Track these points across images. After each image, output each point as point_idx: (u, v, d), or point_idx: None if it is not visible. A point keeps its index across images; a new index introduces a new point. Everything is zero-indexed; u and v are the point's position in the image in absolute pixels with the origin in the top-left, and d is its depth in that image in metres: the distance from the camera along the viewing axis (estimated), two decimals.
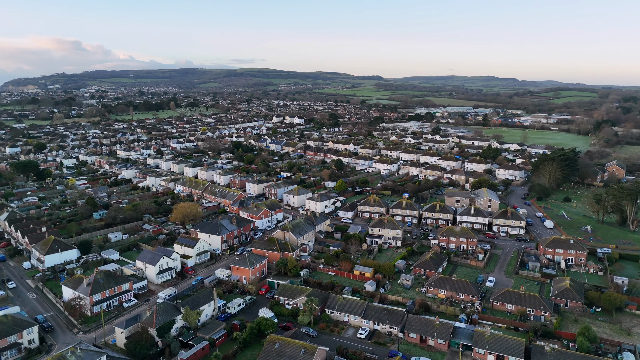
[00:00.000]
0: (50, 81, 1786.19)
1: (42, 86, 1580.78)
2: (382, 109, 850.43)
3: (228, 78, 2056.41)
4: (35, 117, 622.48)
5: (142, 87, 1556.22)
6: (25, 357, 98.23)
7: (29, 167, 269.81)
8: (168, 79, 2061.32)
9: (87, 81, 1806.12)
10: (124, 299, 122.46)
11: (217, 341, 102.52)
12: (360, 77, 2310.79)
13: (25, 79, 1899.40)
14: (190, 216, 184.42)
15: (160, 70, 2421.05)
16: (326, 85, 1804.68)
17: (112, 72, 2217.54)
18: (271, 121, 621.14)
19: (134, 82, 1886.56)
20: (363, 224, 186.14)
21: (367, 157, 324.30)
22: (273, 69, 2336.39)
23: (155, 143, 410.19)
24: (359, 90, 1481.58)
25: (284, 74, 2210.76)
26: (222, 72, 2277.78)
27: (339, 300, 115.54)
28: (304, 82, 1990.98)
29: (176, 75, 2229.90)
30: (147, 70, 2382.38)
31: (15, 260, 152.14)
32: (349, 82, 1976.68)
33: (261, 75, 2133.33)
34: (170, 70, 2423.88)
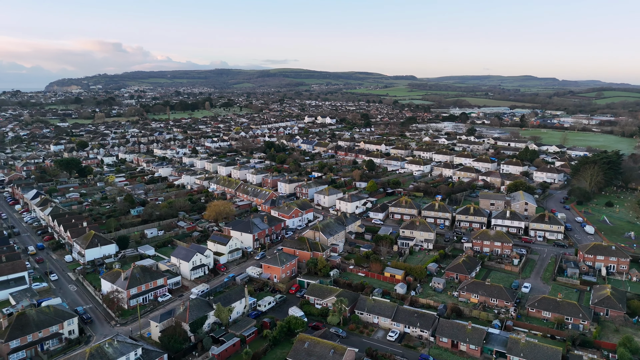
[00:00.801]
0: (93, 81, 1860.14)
1: (85, 86, 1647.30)
2: (415, 109, 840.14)
3: (261, 78, 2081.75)
4: (78, 116, 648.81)
5: (178, 87, 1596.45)
6: (66, 347, 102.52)
7: (71, 164, 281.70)
8: (203, 80, 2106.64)
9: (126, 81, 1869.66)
10: (159, 293, 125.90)
11: (247, 338, 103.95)
12: (393, 77, 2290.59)
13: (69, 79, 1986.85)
14: (223, 214, 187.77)
15: (196, 71, 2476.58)
16: (358, 85, 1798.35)
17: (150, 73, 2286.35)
18: (303, 121, 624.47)
19: (171, 82, 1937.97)
20: (394, 226, 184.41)
21: (399, 158, 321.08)
22: (305, 69, 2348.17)
23: (190, 142, 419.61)
24: (392, 90, 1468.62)
25: (316, 74, 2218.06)
26: (256, 73, 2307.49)
27: (369, 302, 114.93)
28: (336, 82, 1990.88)
29: (211, 75, 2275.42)
30: (183, 71, 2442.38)
31: (58, 253, 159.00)
32: (381, 82, 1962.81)
33: (294, 75, 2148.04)
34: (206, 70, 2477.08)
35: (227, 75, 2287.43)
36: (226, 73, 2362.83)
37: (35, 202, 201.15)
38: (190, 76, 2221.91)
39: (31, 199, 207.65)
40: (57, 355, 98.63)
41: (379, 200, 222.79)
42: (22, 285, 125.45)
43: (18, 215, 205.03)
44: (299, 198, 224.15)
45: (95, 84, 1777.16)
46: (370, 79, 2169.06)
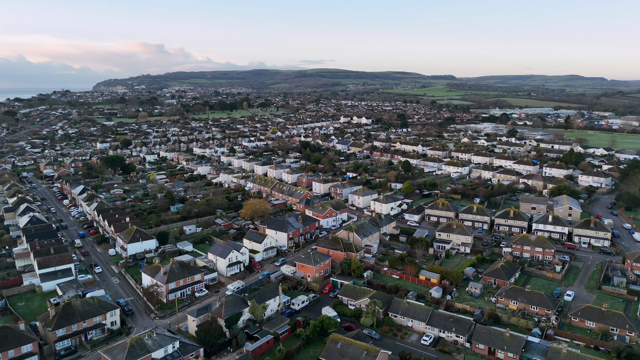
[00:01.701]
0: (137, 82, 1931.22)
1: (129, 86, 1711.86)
2: (454, 109, 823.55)
3: (298, 79, 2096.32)
4: (123, 115, 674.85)
5: (217, 87, 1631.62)
6: (108, 337, 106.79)
7: (116, 161, 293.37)
8: (242, 80, 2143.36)
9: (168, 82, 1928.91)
10: (196, 289, 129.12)
11: (281, 336, 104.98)
12: (431, 77, 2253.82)
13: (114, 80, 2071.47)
14: (259, 212, 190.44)
15: (235, 71, 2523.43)
16: (395, 85, 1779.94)
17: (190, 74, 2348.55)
18: (339, 121, 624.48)
19: (211, 82, 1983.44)
20: (430, 228, 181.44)
21: (436, 159, 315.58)
22: (342, 69, 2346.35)
23: (228, 141, 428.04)
24: (430, 90, 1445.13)
25: (352, 74, 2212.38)
26: (293, 73, 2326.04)
27: (403, 305, 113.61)
28: (373, 82, 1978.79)
29: (249, 76, 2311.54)
30: (222, 72, 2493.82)
31: (102, 247, 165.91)
32: (419, 82, 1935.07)
33: (330, 75, 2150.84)
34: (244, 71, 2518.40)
35: (264, 75, 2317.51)
36: (264, 73, 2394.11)
37: (82, 198, 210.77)
38: (229, 77, 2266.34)
39: (78, 194, 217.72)
40: (100, 345, 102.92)
41: (415, 202, 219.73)
42: (68, 277, 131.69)
43: (66, 209, 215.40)
44: (333, 198, 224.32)
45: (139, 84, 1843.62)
46: (408, 79, 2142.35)
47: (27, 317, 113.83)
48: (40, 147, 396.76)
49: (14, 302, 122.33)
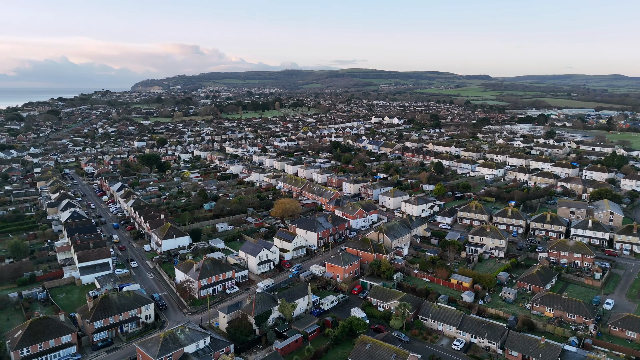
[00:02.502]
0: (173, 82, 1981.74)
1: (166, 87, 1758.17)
2: (489, 110, 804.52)
3: (330, 79, 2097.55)
4: (159, 115, 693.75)
5: (250, 87, 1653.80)
6: (142, 330, 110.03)
7: (152, 159, 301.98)
8: (274, 80, 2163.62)
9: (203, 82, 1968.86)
10: (227, 285, 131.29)
11: (310, 335, 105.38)
12: (465, 77, 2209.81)
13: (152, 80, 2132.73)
14: (289, 212, 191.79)
15: (267, 71, 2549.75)
16: (428, 85, 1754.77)
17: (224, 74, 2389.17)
18: (370, 121, 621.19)
19: (244, 83, 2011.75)
20: (462, 231, 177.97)
21: (469, 161, 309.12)
22: (374, 69, 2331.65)
23: (260, 141, 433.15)
24: (464, 90, 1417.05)
25: (384, 74, 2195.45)
26: (325, 73, 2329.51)
27: (434, 308, 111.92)
28: (405, 82, 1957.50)
29: (281, 76, 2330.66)
30: (255, 72, 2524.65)
31: (138, 242, 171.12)
32: (452, 82, 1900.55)
33: (362, 75, 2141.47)
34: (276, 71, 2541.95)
35: (296, 76, 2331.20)
36: (296, 74, 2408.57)
37: (119, 194, 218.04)
38: (261, 77, 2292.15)
39: (116, 191, 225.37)
40: (135, 338, 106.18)
41: (447, 204, 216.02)
42: (106, 271, 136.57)
43: (105, 205, 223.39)
44: (363, 199, 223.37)
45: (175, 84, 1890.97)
46: (441, 79, 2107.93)
47: (67, 308, 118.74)
48: (82, 145, 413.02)
49: (55, 294, 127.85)
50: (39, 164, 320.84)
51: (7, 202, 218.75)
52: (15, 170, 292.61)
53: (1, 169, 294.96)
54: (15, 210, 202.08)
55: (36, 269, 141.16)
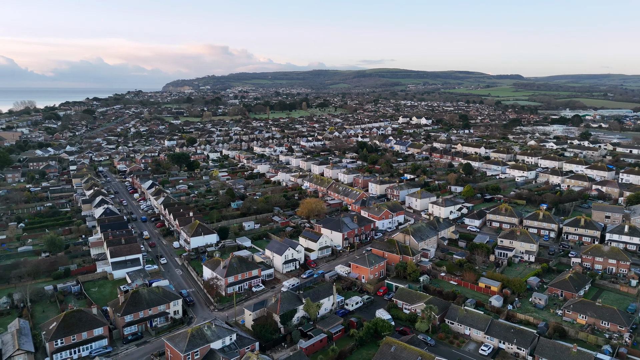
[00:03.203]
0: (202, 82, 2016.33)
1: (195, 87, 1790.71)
2: (520, 110, 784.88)
3: (357, 79, 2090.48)
4: (189, 115, 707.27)
5: (278, 87, 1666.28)
6: (171, 325, 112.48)
7: (182, 158, 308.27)
8: (301, 80, 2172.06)
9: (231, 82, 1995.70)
10: (253, 284, 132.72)
11: (334, 335, 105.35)
12: (496, 76, 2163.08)
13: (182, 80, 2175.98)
14: (315, 211, 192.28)
15: (295, 72, 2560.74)
16: (458, 85, 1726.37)
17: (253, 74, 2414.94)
18: (397, 122, 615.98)
19: (272, 83, 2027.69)
20: (491, 234, 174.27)
21: (499, 162, 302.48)
22: (402, 69, 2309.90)
23: (287, 141, 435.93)
24: (495, 90, 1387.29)
25: (413, 74, 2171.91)
26: (352, 73, 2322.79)
27: (461, 312, 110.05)
28: (434, 82, 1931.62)
29: (309, 76, 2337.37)
30: (283, 72, 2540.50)
31: (167, 239, 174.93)
32: (483, 82, 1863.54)
33: (390, 75, 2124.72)
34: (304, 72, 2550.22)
35: (323, 76, 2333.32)
36: (323, 74, 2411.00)
37: (150, 192, 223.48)
38: (289, 77, 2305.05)
39: (147, 188, 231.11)
40: (164, 332, 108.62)
41: (476, 206, 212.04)
42: (137, 266, 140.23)
43: (136, 202, 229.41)
44: (389, 200, 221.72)
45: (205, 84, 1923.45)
46: (471, 78, 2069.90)
47: (99, 302, 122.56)
48: (115, 144, 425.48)
49: (88, 288, 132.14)
50: (75, 161, 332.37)
51: (44, 198, 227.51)
52: (52, 167, 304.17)
53: (39, 166, 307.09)
54: (52, 206, 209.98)
55: (71, 263, 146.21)
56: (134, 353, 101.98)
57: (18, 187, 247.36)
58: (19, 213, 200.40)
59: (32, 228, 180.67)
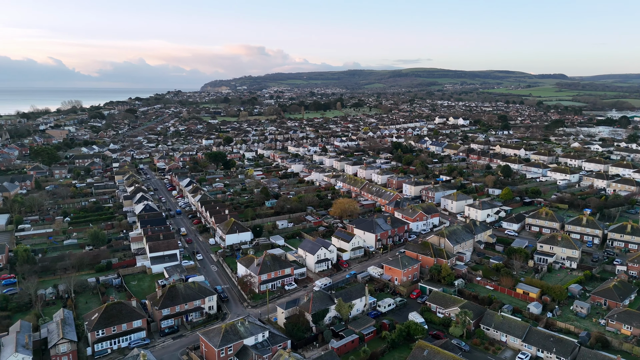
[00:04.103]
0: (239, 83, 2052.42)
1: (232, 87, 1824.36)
2: (564, 111, 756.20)
3: (392, 79, 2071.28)
4: (226, 114, 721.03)
5: (313, 88, 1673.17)
6: (206, 320, 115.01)
7: (218, 157, 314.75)
8: (336, 80, 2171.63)
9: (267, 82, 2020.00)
10: (286, 282, 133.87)
11: (366, 337, 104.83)
12: (538, 76, 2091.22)
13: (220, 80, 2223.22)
14: (348, 212, 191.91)
15: (330, 72, 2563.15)
16: (497, 85, 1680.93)
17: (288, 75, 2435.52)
18: (433, 122, 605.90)
19: (307, 83, 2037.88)
20: (530, 239, 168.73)
21: (540, 165, 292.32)
22: (439, 69, 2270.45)
23: (321, 141, 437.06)
24: (536, 90, 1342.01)
25: (450, 74, 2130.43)
26: (387, 73, 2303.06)
27: (497, 318, 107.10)
28: (472, 81, 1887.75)
29: (344, 76, 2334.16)
30: (318, 73, 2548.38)
31: (204, 236, 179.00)
32: (524, 82, 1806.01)
33: (426, 75, 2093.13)
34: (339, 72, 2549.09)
35: (358, 76, 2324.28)
36: (358, 74, 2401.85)
37: (188, 189, 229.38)
38: (324, 77, 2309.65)
39: (185, 186, 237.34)
40: (199, 327, 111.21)
41: (514, 210, 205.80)
42: (174, 262, 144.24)
43: (174, 199, 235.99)
44: (424, 201, 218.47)
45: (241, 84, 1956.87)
46: (511, 78, 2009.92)
47: (138, 295, 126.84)
48: (155, 142, 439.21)
49: (128, 281, 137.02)
50: (117, 159, 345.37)
51: (89, 194, 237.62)
52: (96, 164, 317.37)
53: (84, 163, 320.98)
54: (96, 202, 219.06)
55: (112, 256, 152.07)
56: (170, 346, 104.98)
57: (65, 183, 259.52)
58: (65, 207, 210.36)
59: (77, 222, 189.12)
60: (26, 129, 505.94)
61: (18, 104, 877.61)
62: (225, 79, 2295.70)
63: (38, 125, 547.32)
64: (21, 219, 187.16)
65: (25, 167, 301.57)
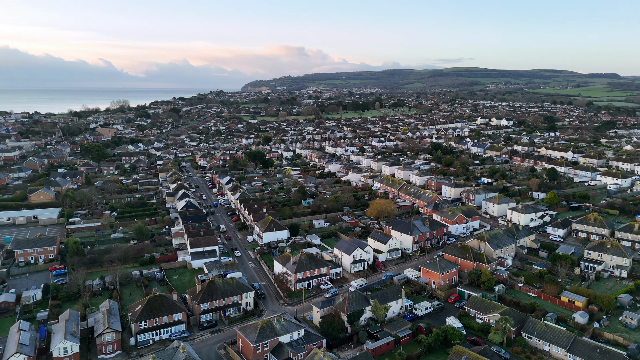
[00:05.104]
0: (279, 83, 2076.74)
1: (272, 87, 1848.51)
2: (616, 112, 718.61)
3: (433, 78, 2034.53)
4: (265, 114, 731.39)
5: (351, 88, 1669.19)
6: (243, 316, 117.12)
7: (257, 156, 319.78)
8: (375, 80, 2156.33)
9: (306, 83, 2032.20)
10: (322, 281, 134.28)
11: (402, 339, 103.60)
12: (588, 75, 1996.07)
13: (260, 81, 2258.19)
14: (385, 213, 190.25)
15: (369, 72, 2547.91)
16: (543, 85, 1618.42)
17: (327, 75, 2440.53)
18: (475, 123, 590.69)
19: (345, 83, 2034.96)
20: (577, 245, 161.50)
21: (589, 168, 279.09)
22: (482, 68, 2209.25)
23: (358, 141, 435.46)
24: (586, 90, 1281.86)
25: (493, 73, 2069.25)
26: (428, 73, 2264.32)
27: (540, 326, 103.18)
28: (517, 81, 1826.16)
29: (383, 76, 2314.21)
30: (357, 72, 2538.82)
31: (242, 233, 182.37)
32: (572, 81, 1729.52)
33: (468, 74, 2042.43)
34: (378, 71, 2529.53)
35: (398, 75, 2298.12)
36: (397, 73, 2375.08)
37: (228, 187, 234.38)
38: (363, 77, 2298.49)
39: (225, 184, 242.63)
40: (236, 322, 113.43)
41: (560, 215, 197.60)
42: (213, 257, 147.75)
43: (214, 197, 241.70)
44: (464, 204, 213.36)
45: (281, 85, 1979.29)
46: (559, 77, 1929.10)
47: (179, 289, 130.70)
48: (197, 141, 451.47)
49: (169, 275, 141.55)
50: (161, 156, 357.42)
51: (134, 190, 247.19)
52: (141, 161, 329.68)
53: (130, 160, 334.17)
54: (141, 198, 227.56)
55: (155, 251, 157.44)
56: (209, 340, 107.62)
57: (112, 179, 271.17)
58: (112, 203, 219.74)
59: (123, 217, 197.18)
60: (78, 127, 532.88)
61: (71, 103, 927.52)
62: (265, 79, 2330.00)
63: (89, 124, 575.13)
64: (72, 212, 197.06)
65: (76, 164, 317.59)
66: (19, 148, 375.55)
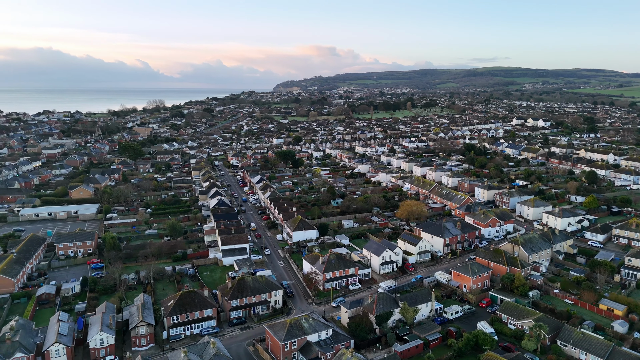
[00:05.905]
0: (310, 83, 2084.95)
1: (303, 87, 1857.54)
2: None
3: (467, 78, 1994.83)
4: (296, 114, 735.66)
5: (383, 88, 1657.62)
6: (271, 314, 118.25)
7: (288, 156, 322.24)
8: (407, 80, 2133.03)
9: (337, 83, 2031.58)
10: (350, 282, 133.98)
11: (431, 343, 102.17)
12: (631, 75, 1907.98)
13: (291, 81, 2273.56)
14: (415, 214, 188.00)
15: (401, 71, 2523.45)
16: (583, 85, 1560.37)
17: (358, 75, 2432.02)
18: (510, 123, 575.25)
19: (377, 83, 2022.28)
20: (617, 252, 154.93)
21: (632, 172, 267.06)
22: (518, 67, 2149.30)
23: (389, 141, 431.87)
24: (629, 90, 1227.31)
25: (530, 73, 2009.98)
26: (461, 72, 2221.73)
27: (576, 334, 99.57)
28: (555, 81, 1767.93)
29: (415, 76, 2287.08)
30: (388, 72, 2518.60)
31: (272, 232, 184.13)
32: (614, 81, 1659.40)
33: (503, 74, 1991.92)
34: (410, 71, 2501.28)
35: (431, 75, 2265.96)
36: (430, 73, 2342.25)
37: (258, 186, 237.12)
38: (394, 77, 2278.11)
39: (256, 183, 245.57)
40: (264, 320, 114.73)
41: (600, 220, 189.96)
42: (243, 255, 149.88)
43: (246, 195, 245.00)
44: (497, 206, 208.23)
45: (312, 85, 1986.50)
46: (600, 77, 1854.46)
47: (210, 285, 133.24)
48: (229, 140, 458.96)
49: (200, 271, 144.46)
50: (194, 155, 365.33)
51: (169, 188, 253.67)
52: (176, 160, 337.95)
53: (165, 158, 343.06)
54: (174, 195, 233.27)
55: (187, 247, 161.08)
56: (238, 336, 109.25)
57: (147, 177, 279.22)
58: (148, 200, 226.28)
59: (157, 214, 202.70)
60: (116, 126, 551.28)
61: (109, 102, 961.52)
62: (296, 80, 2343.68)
63: (126, 123, 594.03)
64: (109, 208, 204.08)
65: (114, 161, 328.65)
66: (61, 146, 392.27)
